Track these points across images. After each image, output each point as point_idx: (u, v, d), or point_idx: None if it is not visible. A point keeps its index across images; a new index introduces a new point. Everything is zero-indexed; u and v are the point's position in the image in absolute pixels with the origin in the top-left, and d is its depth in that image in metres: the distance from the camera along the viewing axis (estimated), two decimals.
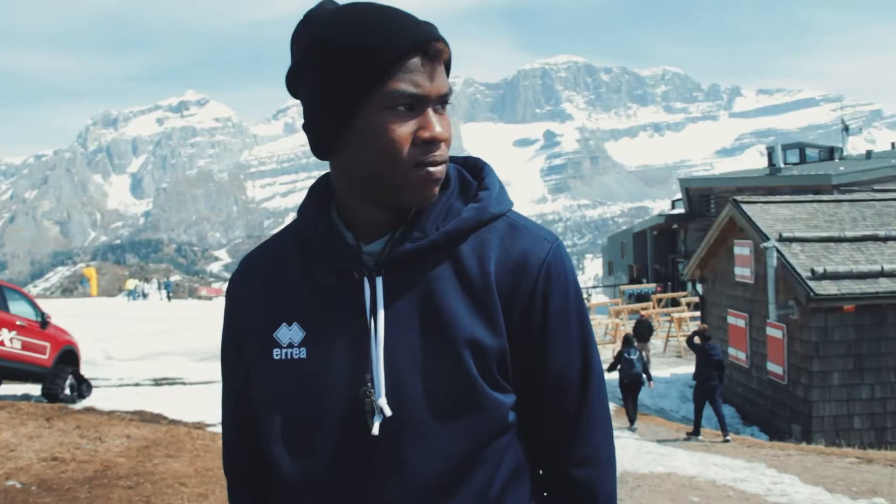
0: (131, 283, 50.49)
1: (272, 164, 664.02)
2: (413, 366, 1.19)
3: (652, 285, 35.82)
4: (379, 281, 1.22)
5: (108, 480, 6.60)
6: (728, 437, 11.77)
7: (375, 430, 1.18)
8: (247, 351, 1.32)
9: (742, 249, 15.31)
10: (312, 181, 1.37)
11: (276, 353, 1.26)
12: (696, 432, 12.05)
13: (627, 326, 24.33)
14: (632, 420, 12.75)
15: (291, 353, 1.25)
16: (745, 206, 14.96)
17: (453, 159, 1.36)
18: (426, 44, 1.16)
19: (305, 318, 1.26)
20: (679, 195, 37.13)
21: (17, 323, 12.11)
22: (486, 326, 1.21)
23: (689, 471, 9.20)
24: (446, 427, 1.19)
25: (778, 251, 13.33)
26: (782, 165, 33.95)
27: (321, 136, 1.22)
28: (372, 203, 1.23)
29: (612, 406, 14.30)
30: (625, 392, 12.93)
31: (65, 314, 26.62)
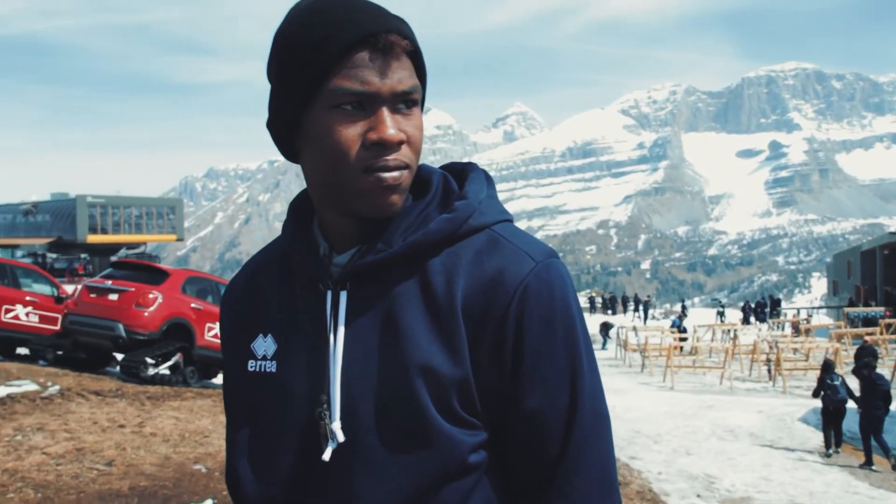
0: None
1: (491, 172, 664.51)
2: (368, 389, 1.09)
3: (880, 309, 32.94)
4: (343, 295, 1.13)
5: None
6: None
7: (326, 456, 1.09)
8: (230, 360, 1.26)
9: None
10: (531, 189, 1.22)
11: (250, 364, 1.20)
12: (868, 462, 11.54)
13: (850, 352, 22.50)
14: (827, 445, 12.47)
15: (264, 366, 1.19)
16: None
17: (450, 166, 1.22)
18: (375, 36, 1.05)
19: (279, 330, 1.19)
20: None
21: None
22: (445, 352, 1.08)
23: None
24: (397, 460, 1.07)
25: None
26: None
27: (277, 136, 1.15)
28: (336, 211, 1.13)
29: (817, 436, 13.21)
30: (826, 418, 12.57)
31: None
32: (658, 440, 12.35)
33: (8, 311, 14.19)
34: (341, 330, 1.11)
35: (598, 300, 55.44)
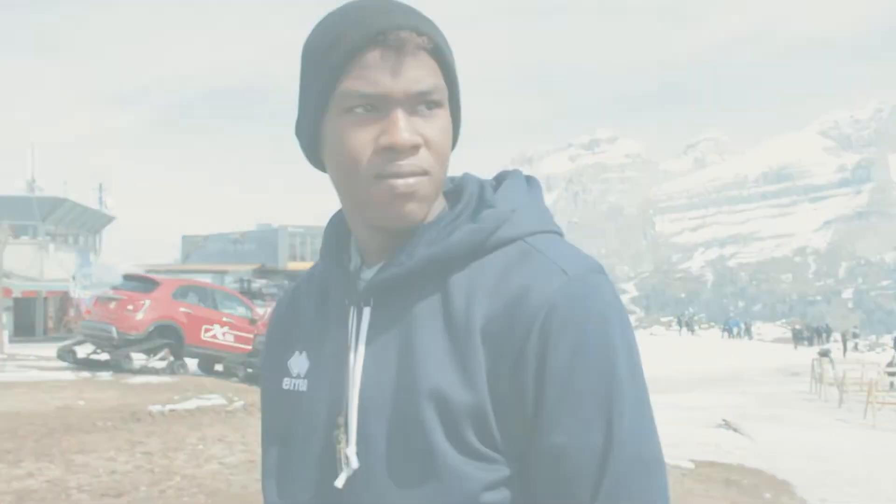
0: None
1: (681, 199, 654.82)
2: (382, 413, 1.02)
3: None
4: (366, 311, 1.07)
5: None
6: None
7: (339, 483, 1.02)
8: (269, 377, 1.23)
9: None
10: (722, 216, 1.10)
11: (285, 382, 1.16)
12: None
13: None
14: None
15: (296, 384, 1.15)
16: None
17: (498, 175, 1.14)
18: (383, 34, 0.98)
19: (312, 348, 1.15)
20: None
21: None
22: (459, 378, 0.98)
23: None
24: (404, 493, 0.99)
25: None
26: None
27: (301, 144, 1.12)
28: (361, 223, 1.08)
29: None
30: None
31: None
32: (854, 483, 11.40)
33: (207, 330, 15.32)
34: (361, 348, 1.05)
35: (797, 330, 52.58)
